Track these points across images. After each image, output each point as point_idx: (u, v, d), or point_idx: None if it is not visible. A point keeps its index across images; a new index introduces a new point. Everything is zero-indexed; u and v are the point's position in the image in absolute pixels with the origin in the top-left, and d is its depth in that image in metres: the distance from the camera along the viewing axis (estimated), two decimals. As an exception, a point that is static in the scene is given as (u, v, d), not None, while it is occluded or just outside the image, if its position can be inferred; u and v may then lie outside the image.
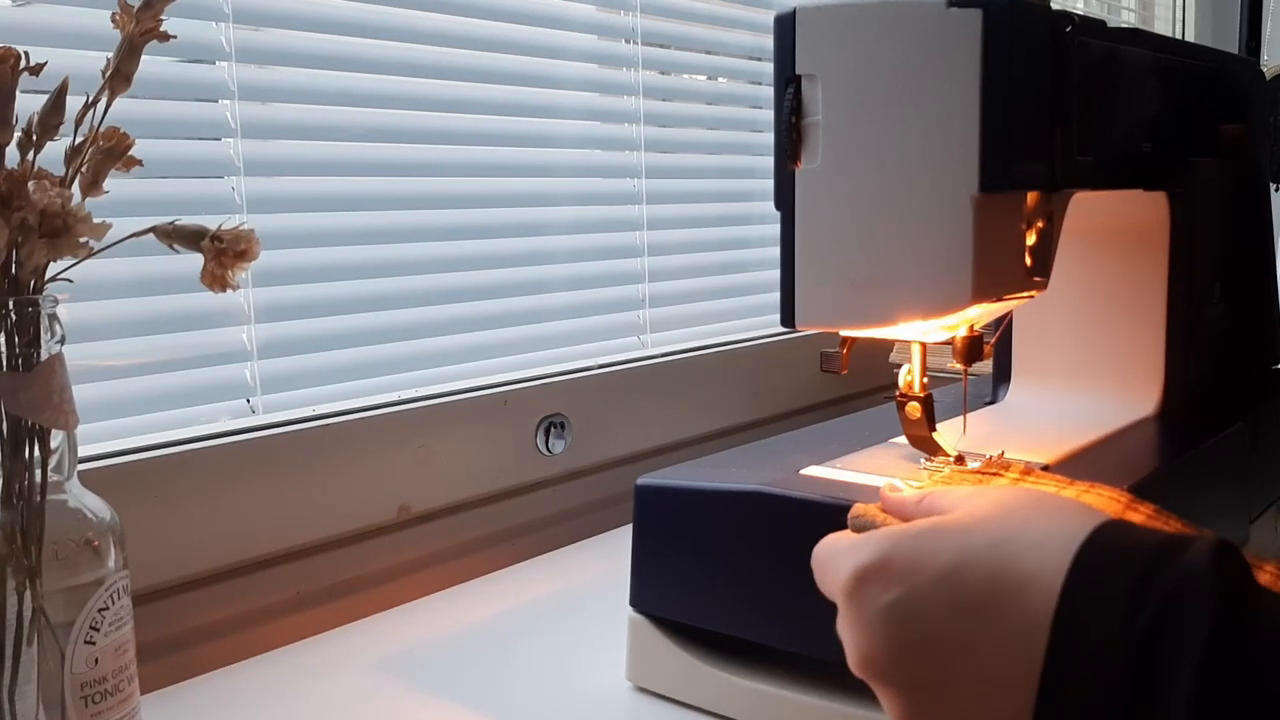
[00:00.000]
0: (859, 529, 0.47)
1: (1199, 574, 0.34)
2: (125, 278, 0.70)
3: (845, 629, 0.41)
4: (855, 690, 0.48)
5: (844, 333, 0.58)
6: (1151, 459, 0.66)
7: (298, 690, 0.66)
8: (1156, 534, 0.37)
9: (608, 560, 0.87)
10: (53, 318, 0.47)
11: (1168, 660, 0.33)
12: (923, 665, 0.38)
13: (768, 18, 1.11)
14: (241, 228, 0.49)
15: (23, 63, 0.46)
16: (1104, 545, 0.37)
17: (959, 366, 0.58)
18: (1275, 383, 0.85)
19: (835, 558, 0.42)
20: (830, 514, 0.49)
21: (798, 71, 0.53)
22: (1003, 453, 0.59)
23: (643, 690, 0.63)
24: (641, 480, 0.63)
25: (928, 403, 0.59)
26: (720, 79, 1.15)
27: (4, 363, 0.46)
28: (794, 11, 0.54)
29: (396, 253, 0.85)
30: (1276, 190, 1.12)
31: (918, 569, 0.39)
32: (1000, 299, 0.55)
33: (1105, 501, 0.46)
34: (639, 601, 0.63)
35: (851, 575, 0.40)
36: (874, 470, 0.59)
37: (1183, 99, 0.71)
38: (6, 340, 0.46)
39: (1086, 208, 0.61)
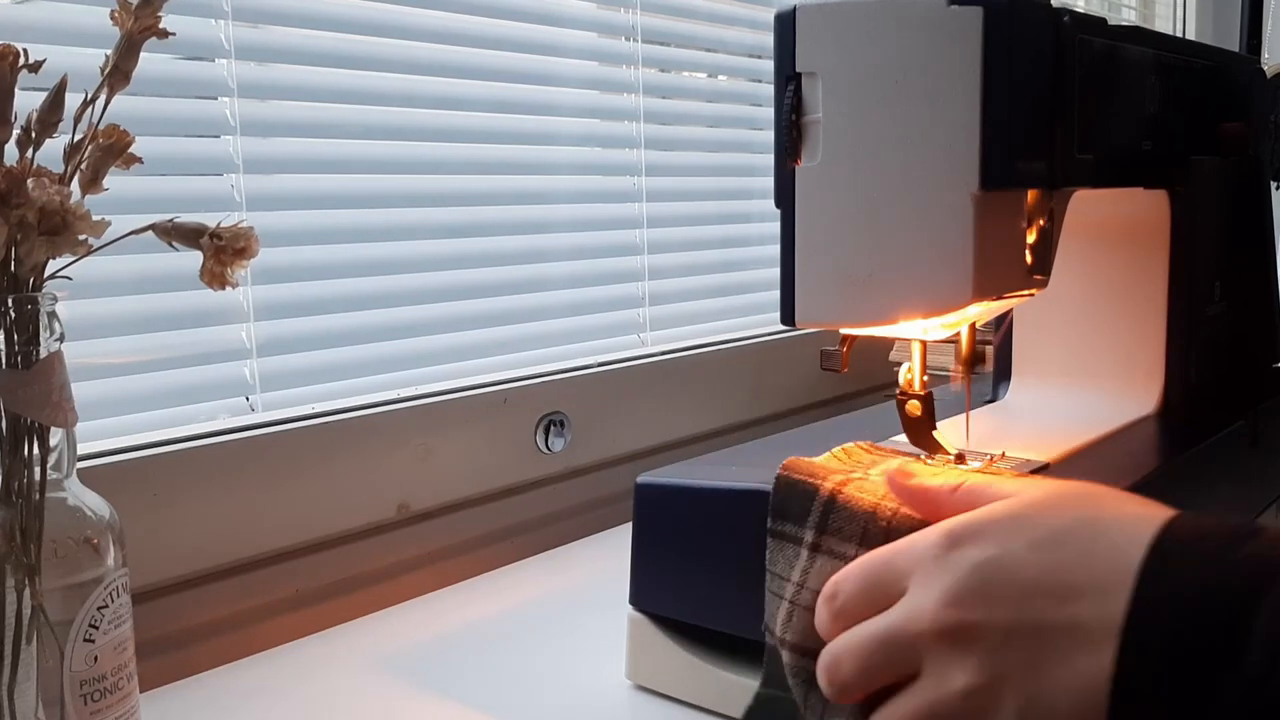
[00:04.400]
0: None
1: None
2: (124, 275, 0.70)
3: (927, 595, 0.40)
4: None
5: (844, 331, 0.58)
6: (1152, 457, 0.66)
7: (297, 688, 0.66)
8: (1229, 521, 0.39)
9: (607, 558, 0.87)
10: (52, 315, 0.47)
11: (1252, 608, 0.35)
12: (1020, 613, 0.38)
13: (768, 15, 1.11)
14: (241, 225, 0.49)
15: (22, 60, 0.46)
16: (1190, 521, 0.39)
17: (961, 375, 0.58)
18: (1276, 381, 0.85)
19: (913, 539, 0.42)
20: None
21: (798, 69, 0.53)
22: (1003, 453, 0.59)
23: (643, 689, 0.63)
24: (641, 479, 0.63)
25: (928, 401, 0.58)
26: (720, 77, 1.15)
27: (3, 360, 0.46)
28: (794, 9, 0.54)
29: (396, 251, 0.85)
30: (1277, 188, 1.12)
31: (1015, 532, 0.40)
32: (1000, 297, 0.55)
33: None
34: (639, 600, 0.63)
35: (945, 534, 0.41)
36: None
37: (1183, 97, 0.71)
38: (6, 338, 0.46)
39: (1087, 206, 0.61)
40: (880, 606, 0.42)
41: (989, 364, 0.76)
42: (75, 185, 0.48)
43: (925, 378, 0.59)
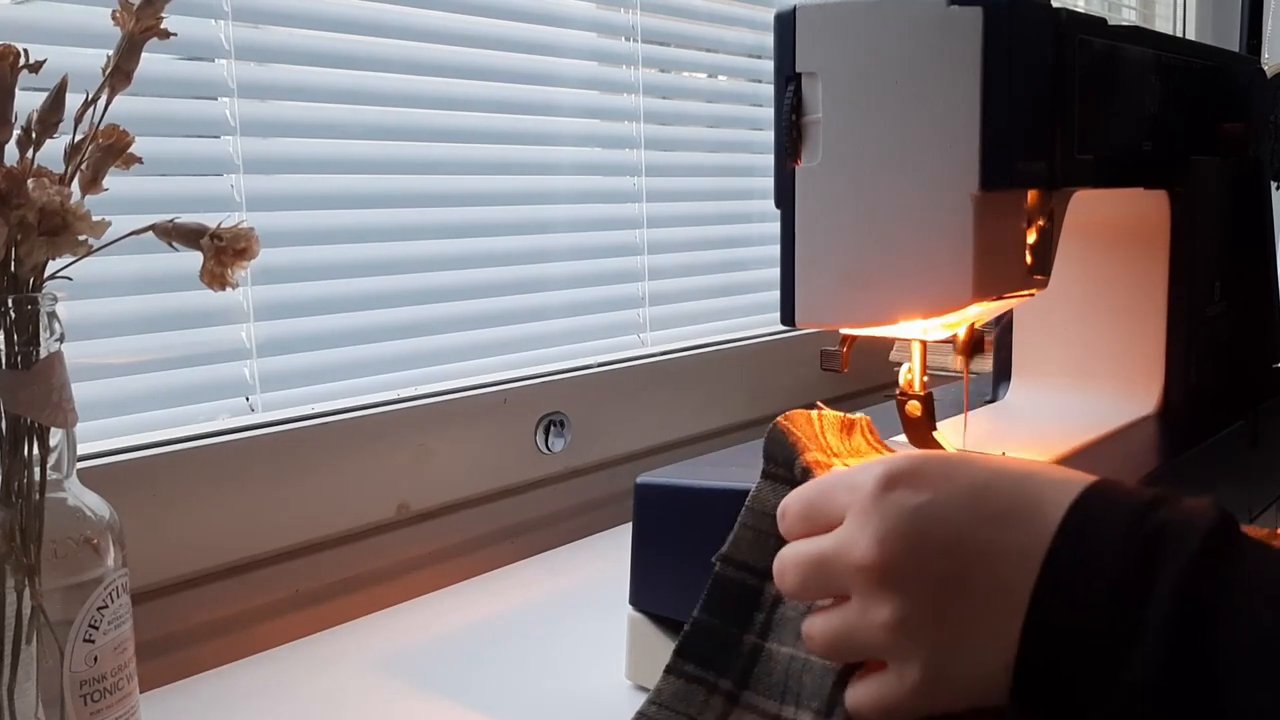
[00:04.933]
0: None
1: (1198, 511, 0.38)
2: (124, 275, 0.70)
3: (860, 530, 0.42)
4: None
5: (844, 331, 0.58)
6: (1152, 457, 0.66)
7: (296, 689, 0.66)
8: (1160, 489, 0.41)
9: (607, 559, 0.87)
10: (52, 315, 0.47)
11: (1157, 566, 0.37)
12: (944, 565, 0.40)
13: (768, 15, 1.11)
14: (241, 226, 0.49)
15: (22, 60, 0.46)
16: (1111, 484, 0.41)
17: (959, 369, 0.58)
18: (1275, 381, 0.85)
19: (856, 471, 0.44)
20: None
21: (798, 69, 0.53)
22: (1003, 453, 0.59)
23: (643, 689, 0.63)
24: (641, 479, 0.63)
25: (928, 401, 0.58)
26: (720, 77, 1.15)
27: (3, 360, 0.46)
28: (794, 9, 0.54)
29: (396, 251, 0.85)
30: (1277, 188, 1.12)
31: (949, 479, 0.42)
32: (1001, 297, 0.55)
33: None
34: (639, 600, 0.63)
35: (883, 475, 0.42)
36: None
37: (1183, 97, 0.71)
38: (6, 338, 0.46)
39: (1087, 206, 0.61)
40: (819, 529, 0.44)
41: (989, 349, 0.76)
42: (75, 185, 0.48)
43: (925, 378, 0.59)
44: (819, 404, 0.54)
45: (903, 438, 0.60)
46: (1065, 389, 0.75)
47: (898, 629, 0.40)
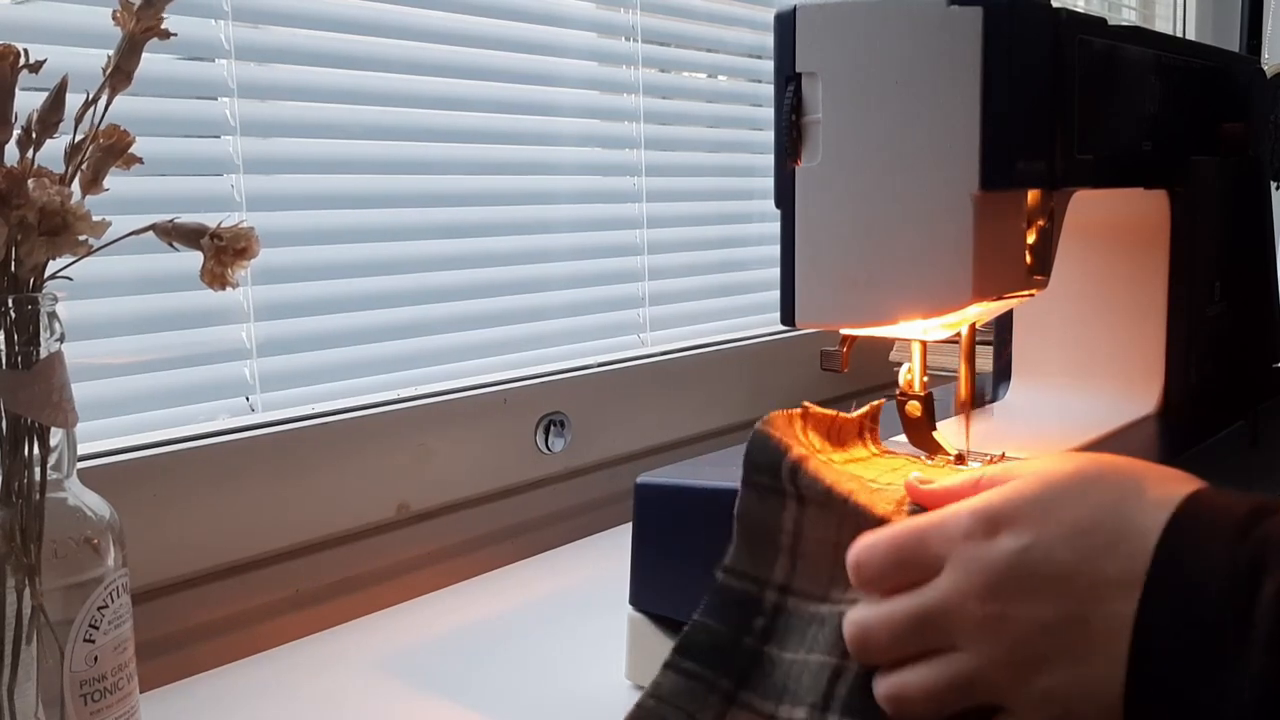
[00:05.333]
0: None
1: None
2: (125, 275, 0.70)
3: (968, 581, 0.41)
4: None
5: (844, 331, 0.58)
6: (1152, 457, 0.65)
7: (296, 689, 0.66)
8: (1252, 495, 0.41)
9: (607, 559, 0.87)
10: (52, 315, 0.47)
11: (1260, 579, 0.37)
12: (1058, 606, 0.40)
13: (768, 15, 1.11)
14: (241, 225, 0.49)
15: (22, 60, 0.46)
16: (1207, 497, 0.41)
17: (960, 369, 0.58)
18: (1275, 381, 0.85)
19: (945, 517, 0.43)
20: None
21: (798, 69, 0.53)
22: (1004, 454, 0.59)
23: (643, 689, 0.63)
24: (641, 479, 0.63)
25: (928, 402, 0.58)
26: (720, 77, 1.15)
27: (3, 360, 0.46)
28: (794, 9, 0.54)
29: (396, 251, 0.85)
30: (1277, 188, 1.12)
31: (1049, 517, 0.41)
32: (1000, 297, 0.55)
33: None
34: (639, 601, 0.63)
35: (982, 520, 0.42)
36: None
37: (1183, 97, 0.71)
38: (6, 338, 0.46)
39: (1087, 206, 0.61)
40: (912, 581, 0.43)
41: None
42: (76, 186, 0.48)
43: (925, 378, 0.59)
44: (805, 404, 0.54)
45: (902, 438, 0.60)
46: (1065, 389, 0.75)
47: (1017, 674, 0.40)
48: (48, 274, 0.47)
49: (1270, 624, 0.36)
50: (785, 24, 0.54)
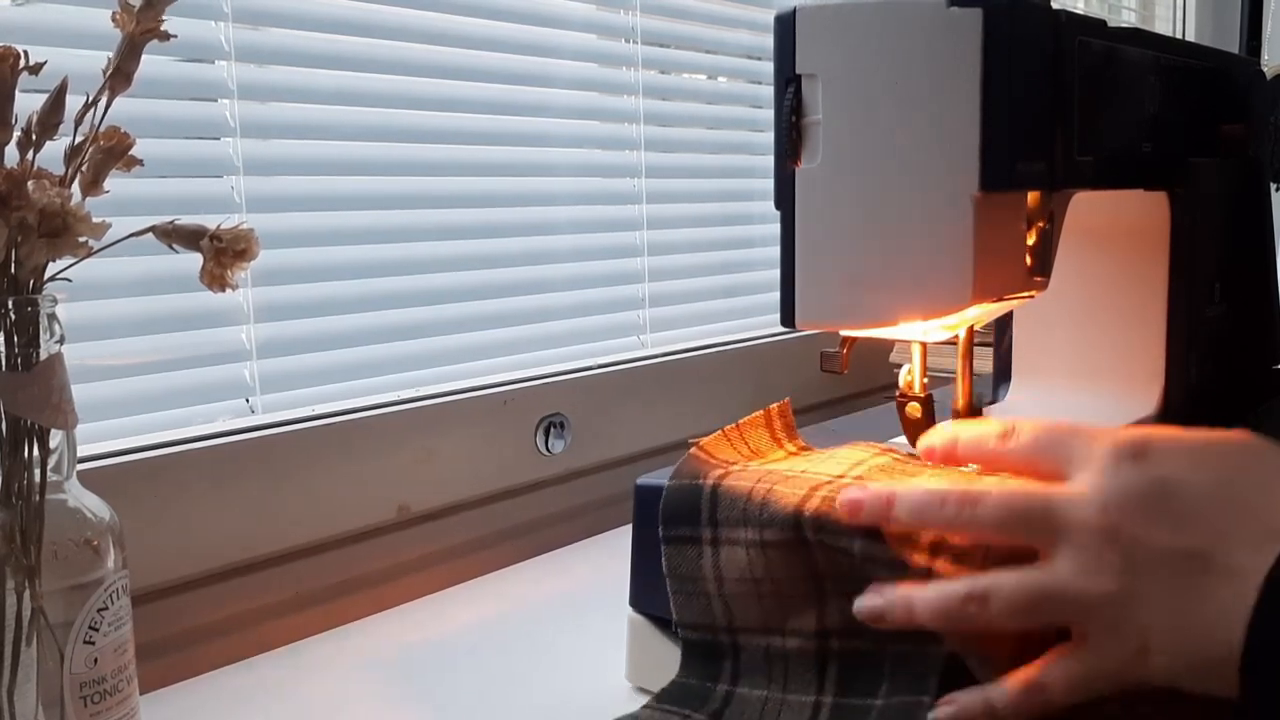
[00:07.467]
0: None
1: None
2: (124, 277, 0.70)
3: (1094, 488, 0.41)
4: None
5: (844, 332, 0.58)
6: (1152, 459, 0.66)
7: (297, 690, 0.66)
8: None
9: (607, 560, 0.87)
10: (52, 317, 0.47)
11: None
12: (1182, 539, 0.39)
13: (768, 17, 1.11)
14: (241, 227, 0.49)
15: (22, 62, 0.46)
16: None
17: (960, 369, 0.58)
18: (1275, 381, 0.85)
19: (1094, 430, 0.43)
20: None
21: (798, 71, 0.53)
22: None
23: (642, 691, 0.63)
24: (641, 480, 0.63)
25: (928, 403, 0.58)
26: (720, 78, 1.15)
27: (3, 362, 0.46)
28: (794, 11, 0.54)
29: (396, 252, 0.85)
30: (1277, 189, 1.12)
31: (1197, 464, 0.41)
32: (1001, 299, 0.55)
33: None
34: (639, 601, 0.63)
35: (1126, 441, 0.42)
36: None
37: (1183, 99, 0.71)
38: (6, 340, 0.46)
39: (1087, 207, 0.61)
40: (1041, 471, 0.44)
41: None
42: (76, 187, 0.48)
43: (925, 380, 0.59)
44: (692, 440, 0.56)
45: (902, 439, 0.60)
46: (1065, 389, 0.75)
47: (1119, 597, 0.39)
48: (48, 275, 0.47)
49: None
50: (785, 25, 0.54)
